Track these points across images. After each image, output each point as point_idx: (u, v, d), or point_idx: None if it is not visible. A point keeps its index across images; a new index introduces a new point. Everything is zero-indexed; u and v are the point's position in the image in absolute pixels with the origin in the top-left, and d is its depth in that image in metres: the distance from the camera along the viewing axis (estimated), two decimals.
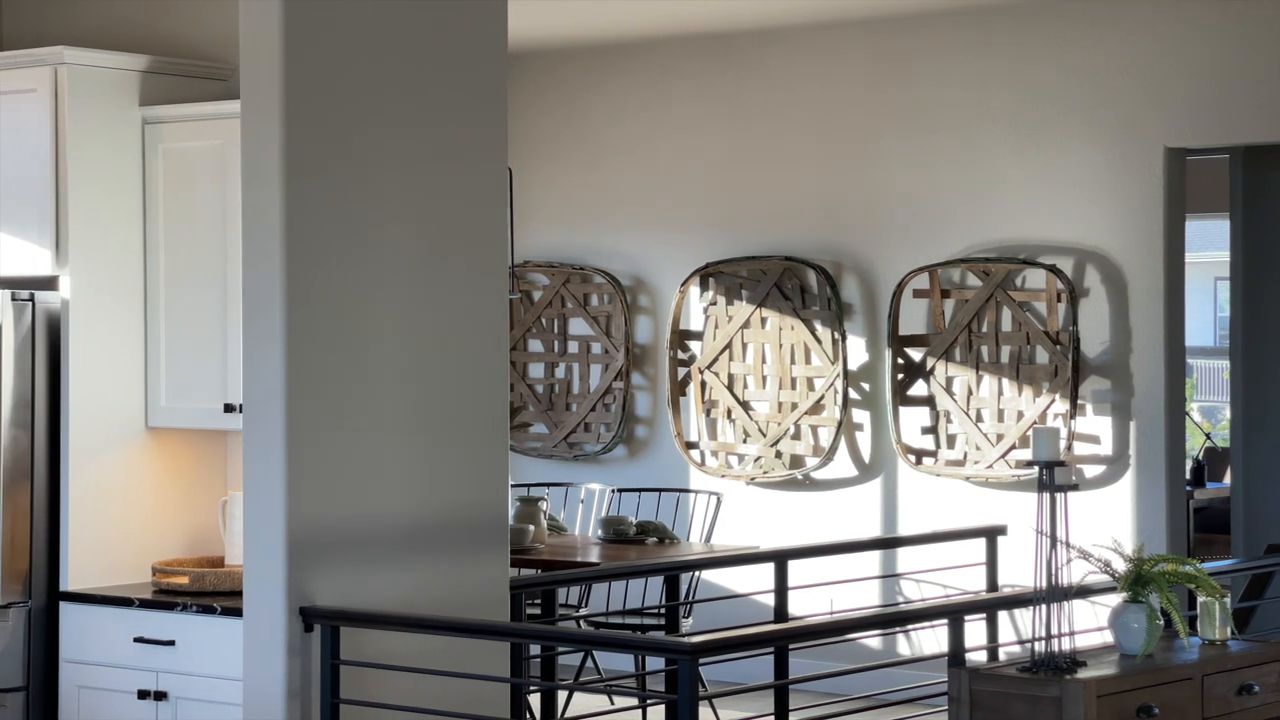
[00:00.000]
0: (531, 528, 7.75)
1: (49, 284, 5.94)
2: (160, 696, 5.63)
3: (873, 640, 8.89)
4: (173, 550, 6.07)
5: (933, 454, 8.99)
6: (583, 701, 8.17)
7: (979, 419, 8.86)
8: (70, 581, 5.84)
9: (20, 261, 5.94)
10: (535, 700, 7.17)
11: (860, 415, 9.19)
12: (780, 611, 6.62)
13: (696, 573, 8.16)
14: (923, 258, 9.01)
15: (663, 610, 7.83)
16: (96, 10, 6.40)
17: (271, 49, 5.11)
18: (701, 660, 4.66)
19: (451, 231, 5.53)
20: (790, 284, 9.37)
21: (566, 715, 7.79)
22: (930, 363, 9.00)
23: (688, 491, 9.12)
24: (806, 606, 7.96)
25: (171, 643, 5.62)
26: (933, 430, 8.99)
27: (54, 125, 5.86)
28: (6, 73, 5.96)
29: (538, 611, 7.38)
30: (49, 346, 5.89)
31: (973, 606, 5.61)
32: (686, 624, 7.96)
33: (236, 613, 5.40)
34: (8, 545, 5.77)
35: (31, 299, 5.85)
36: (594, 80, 9.92)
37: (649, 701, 7.67)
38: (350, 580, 5.18)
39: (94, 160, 5.91)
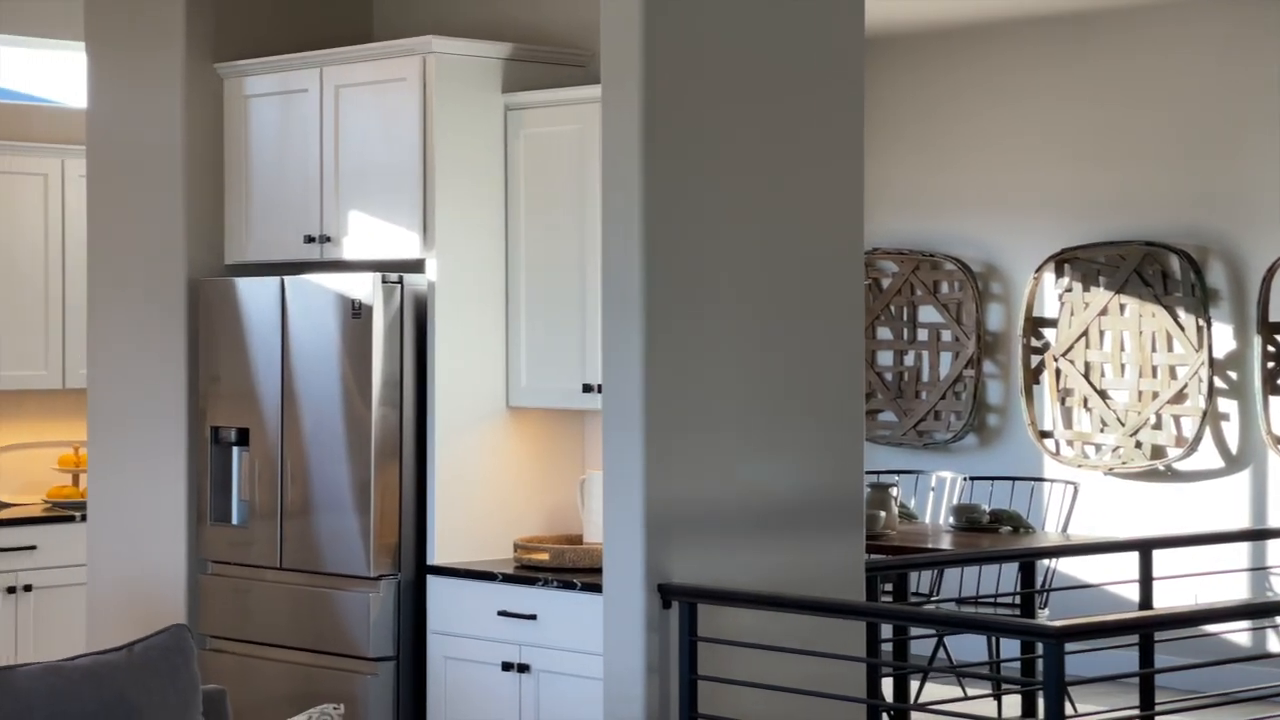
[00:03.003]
0: (883, 514, 7.70)
1: (417, 267, 6.12)
2: (523, 669, 5.75)
3: (1240, 636, 8.58)
4: (532, 527, 6.20)
5: None
6: (933, 691, 8.08)
7: None
8: (436, 556, 6.00)
9: (391, 245, 6.13)
10: (887, 686, 7.11)
11: (1226, 405, 8.89)
12: (1145, 603, 6.44)
13: (1053, 563, 8.00)
14: None
15: (1017, 600, 7.69)
16: (461, 0, 6.57)
17: (632, 35, 5.17)
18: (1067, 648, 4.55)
19: (807, 214, 5.53)
20: (1151, 270, 9.12)
21: (918, 703, 7.71)
22: None
23: (1042, 481, 8.94)
24: (1168, 601, 7.72)
25: (533, 617, 5.74)
26: None
27: (422, 113, 6.03)
28: (378, 63, 6.16)
29: (889, 598, 7.33)
30: (416, 328, 6.07)
31: None
32: (1043, 615, 7.81)
33: (596, 589, 5.49)
34: (379, 520, 5.97)
35: (400, 281, 6.03)
36: (946, 64, 9.80)
37: (1004, 690, 7.54)
38: (706, 558, 5.22)
39: (459, 146, 6.07)
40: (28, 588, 7.76)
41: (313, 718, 3.82)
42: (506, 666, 5.78)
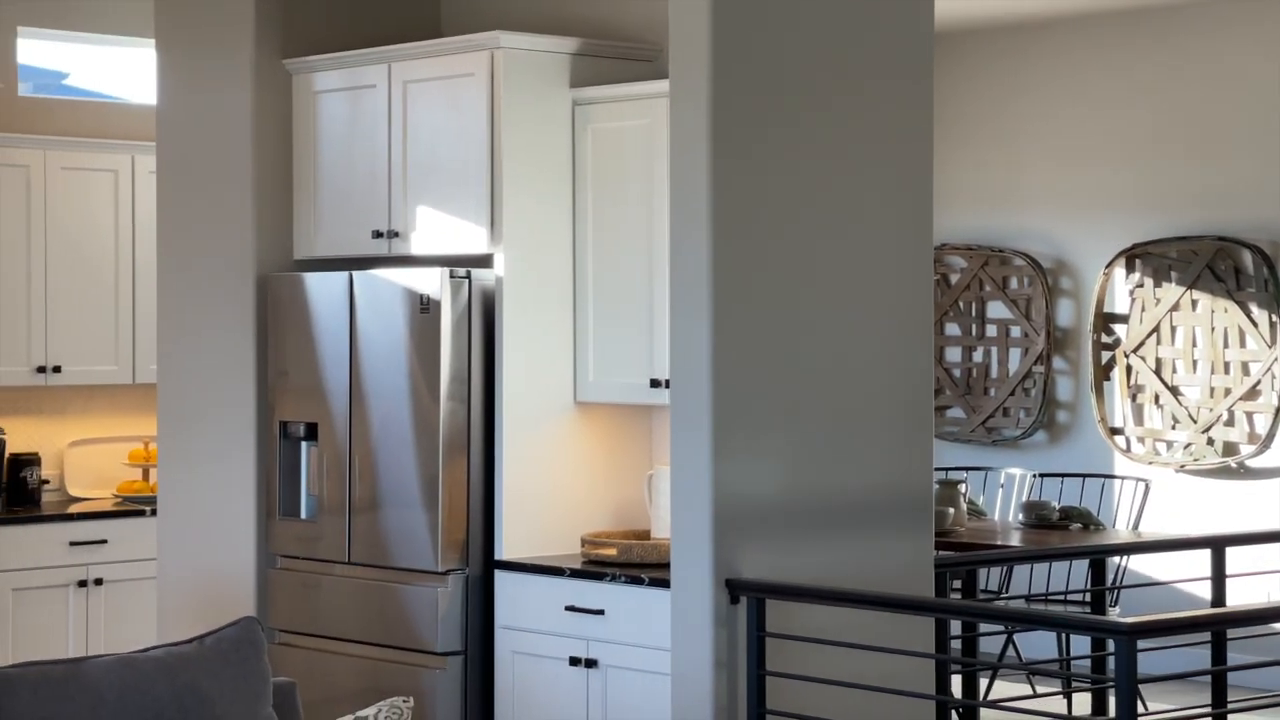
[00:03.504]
0: (951, 510, 7.66)
1: (484, 262, 6.13)
2: (591, 664, 5.75)
3: None
4: (600, 522, 6.20)
5: None
6: (1001, 690, 8.03)
7: None
8: (504, 551, 6.01)
9: (458, 240, 6.14)
10: (955, 684, 7.07)
11: None
12: (1217, 600, 6.38)
13: (1124, 560, 7.93)
14: None
15: (1087, 598, 7.64)
16: None
17: (700, 29, 5.16)
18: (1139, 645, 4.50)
19: (875, 211, 5.50)
20: (1223, 265, 9.03)
21: (987, 700, 7.66)
22: None
23: (1112, 478, 8.87)
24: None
25: (601, 612, 5.73)
26: None
27: (490, 108, 6.03)
28: (447, 58, 6.17)
29: (958, 595, 7.28)
30: (484, 323, 6.07)
31: None
32: (1113, 613, 7.74)
33: (664, 584, 5.48)
34: (447, 515, 5.98)
35: (468, 276, 6.04)
36: (1017, 58, 9.73)
37: (1074, 688, 7.49)
38: (774, 554, 5.20)
39: (527, 141, 6.07)
40: (98, 581, 7.83)
41: (383, 710, 3.83)
42: (574, 661, 5.78)
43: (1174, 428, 9.17)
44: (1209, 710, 6.27)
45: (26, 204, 8.01)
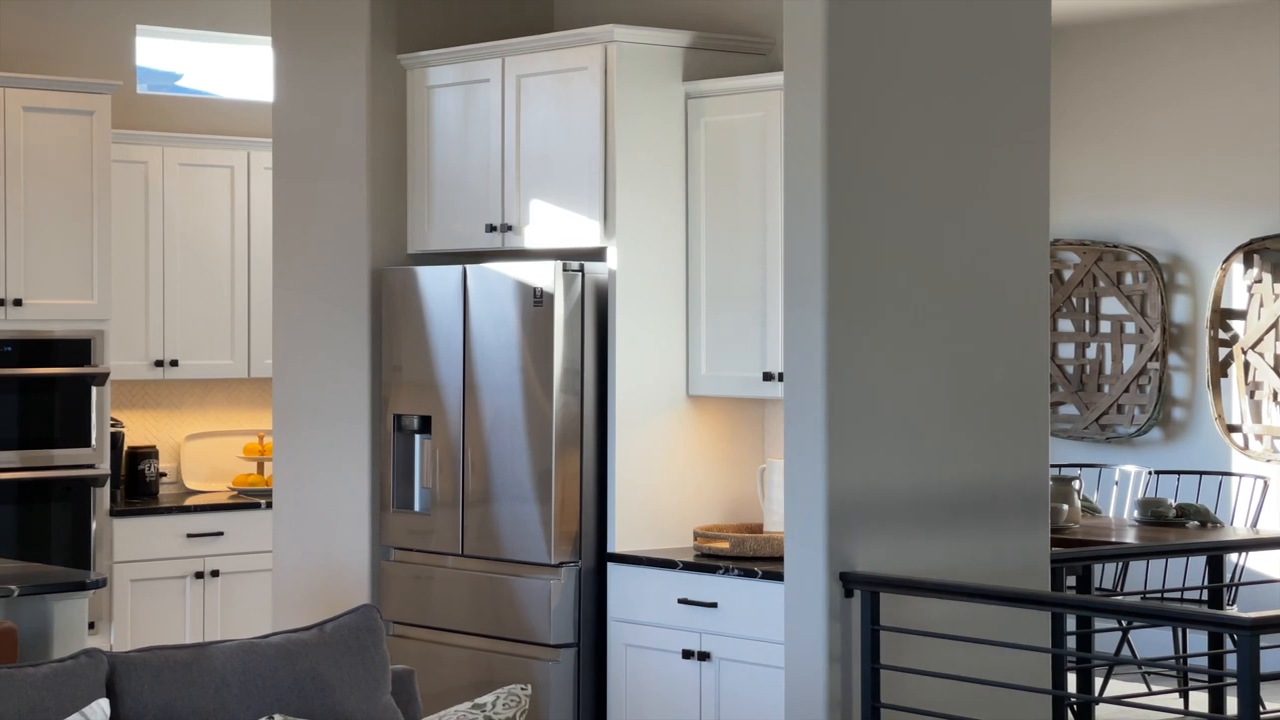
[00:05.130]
0: (1065, 507, 7.58)
1: (597, 255, 6.14)
2: (704, 657, 5.74)
3: None
4: (712, 516, 6.19)
5: None
6: (1115, 689, 7.94)
7: None
8: (617, 543, 6.01)
9: (572, 233, 6.15)
10: (1070, 681, 7.00)
11: None
12: None
13: (1242, 558, 7.82)
14: None
15: (1205, 595, 7.53)
16: None
17: (815, 22, 5.14)
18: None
19: (991, 205, 5.46)
20: None
21: (1103, 696, 7.58)
22: None
23: (1230, 475, 8.75)
24: None
25: (714, 605, 5.72)
26: None
27: (603, 101, 6.04)
28: (560, 52, 6.18)
29: (1073, 592, 7.21)
30: (597, 316, 6.08)
31: None
32: (1231, 611, 7.64)
33: (777, 577, 5.46)
34: (559, 508, 5.99)
35: (581, 269, 6.05)
36: (1132, 51, 9.62)
37: (1191, 686, 7.40)
38: (888, 547, 5.18)
39: (640, 135, 6.07)
40: (215, 573, 7.92)
41: (500, 697, 3.84)
42: (687, 654, 5.78)
43: None
44: None
45: (145, 200, 8.11)
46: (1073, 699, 6.15)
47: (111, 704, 3.71)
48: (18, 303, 7.55)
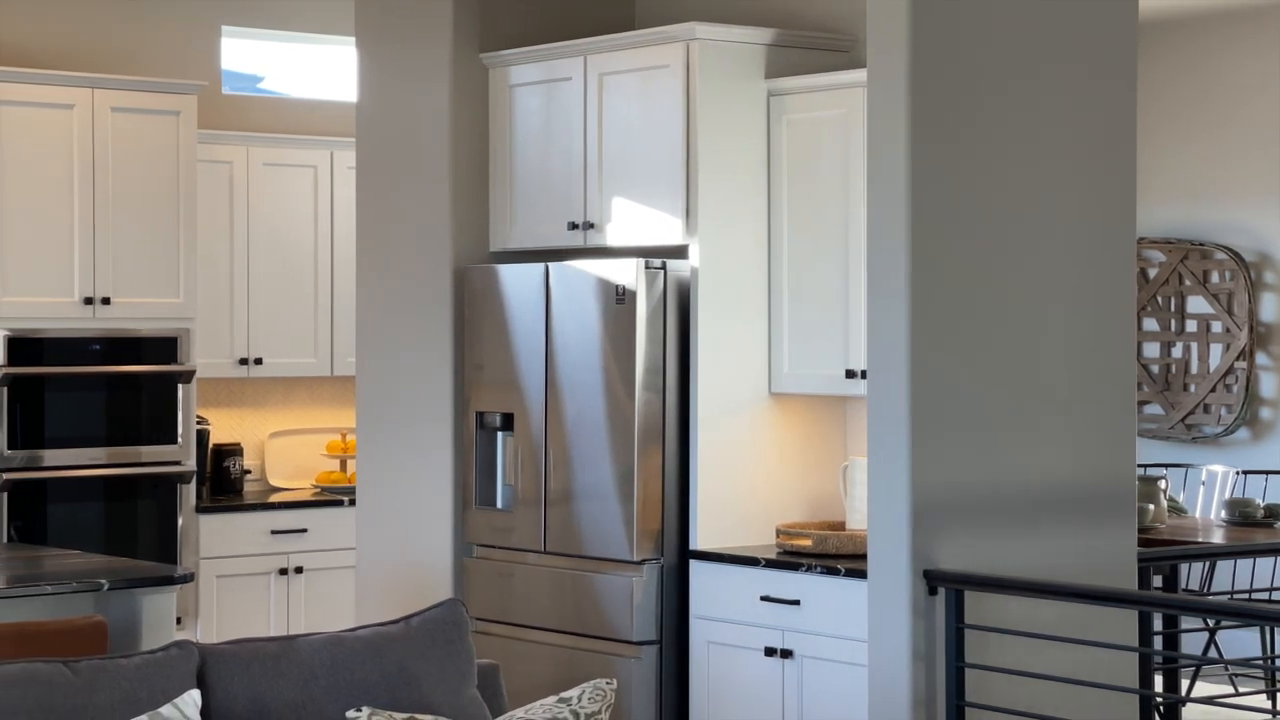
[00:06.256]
0: (1151, 507, 7.51)
1: (679, 253, 6.14)
2: (786, 654, 5.73)
3: None
4: (794, 513, 6.18)
5: None
6: (1202, 690, 7.87)
7: None
8: (699, 541, 6.01)
9: (653, 231, 6.15)
10: (1155, 680, 6.94)
11: None
12: None
13: None
14: None
15: None
16: None
17: (898, 19, 5.12)
18: None
19: (1077, 202, 5.42)
20: None
21: (1189, 696, 7.51)
22: None
23: None
24: None
25: (796, 602, 5.71)
26: None
27: (685, 99, 6.04)
28: (642, 50, 6.19)
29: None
30: (679, 313, 6.08)
31: None
32: None
33: (860, 574, 5.45)
34: (641, 505, 6.00)
35: (663, 267, 6.05)
36: (1220, 47, 9.53)
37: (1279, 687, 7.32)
38: (972, 545, 5.15)
39: (721, 132, 6.07)
40: (299, 569, 7.97)
41: (586, 691, 3.85)
42: (769, 652, 5.77)
43: None
44: None
45: (229, 199, 8.18)
46: (1160, 699, 6.09)
47: (202, 695, 3.74)
48: (106, 301, 7.63)
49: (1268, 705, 7.39)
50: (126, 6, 8.16)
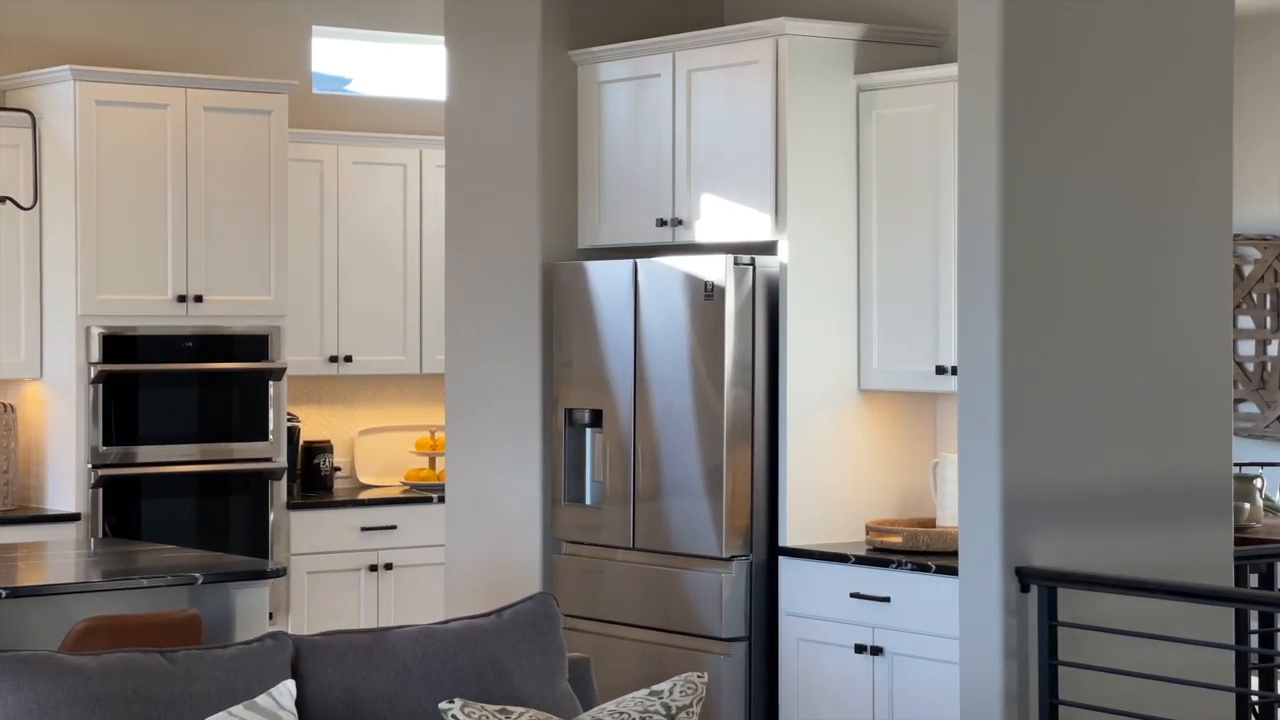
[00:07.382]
0: (1247, 506, 7.42)
1: (768, 249, 6.13)
2: (876, 651, 5.71)
3: None
4: (884, 510, 6.15)
5: None
6: None
7: None
8: (788, 537, 6.00)
9: (742, 227, 6.15)
10: (1252, 679, 6.85)
11: None
12: None
13: None
14: None
15: None
16: None
17: (990, 14, 5.08)
18: None
19: (1172, 197, 5.36)
20: None
21: None
22: None
23: None
24: None
25: (887, 599, 5.69)
26: None
27: (774, 95, 6.03)
28: (730, 46, 6.18)
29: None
30: (768, 309, 6.07)
31: None
32: None
33: (950, 571, 5.41)
34: (730, 501, 5.99)
35: (752, 263, 6.04)
36: None
37: None
38: (1064, 542, 5.10)
39: (811, 127, 6.05)
40: (388, 566, 8.01)
41: (678, 685, 3.85)
42: (859, 649, 5.74)
43: None
44: None
45: (319, 198, 8.24)
46: (1257, 698, 6.02)
47: (297, 685, 3.77)
48: (198, 299, 7.70)
49: None
50: (220, 7, 8.23)
